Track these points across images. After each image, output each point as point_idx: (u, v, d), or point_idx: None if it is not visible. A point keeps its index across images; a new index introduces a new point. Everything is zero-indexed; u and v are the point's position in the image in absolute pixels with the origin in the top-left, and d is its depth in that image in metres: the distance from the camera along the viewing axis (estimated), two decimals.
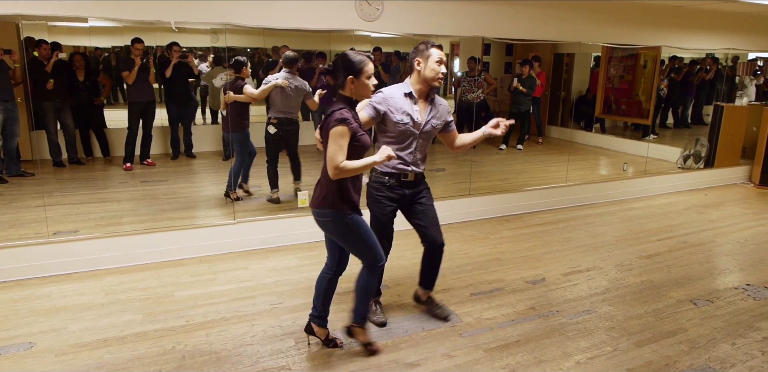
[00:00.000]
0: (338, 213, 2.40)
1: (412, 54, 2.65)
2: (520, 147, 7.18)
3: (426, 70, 2.61)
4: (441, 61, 2.60)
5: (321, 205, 2.41)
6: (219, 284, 3.39)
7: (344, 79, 2.29)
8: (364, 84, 2.30)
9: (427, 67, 2.61)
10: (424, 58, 2.61)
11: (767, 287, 3.48)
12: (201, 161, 5.79)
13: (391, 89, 2.68)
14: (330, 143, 2.25)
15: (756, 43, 6.55)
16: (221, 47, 5.34)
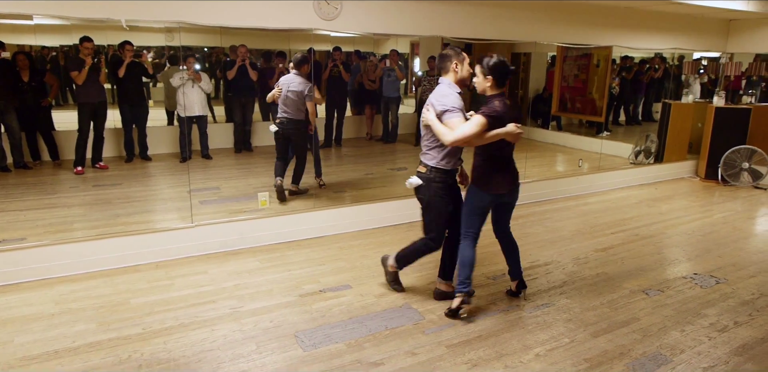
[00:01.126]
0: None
1: (445, 58, 2.89)
2: None
3: (463, 71, 2.90)
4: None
5: None
6: (177, 290, 3.30)
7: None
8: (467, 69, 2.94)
9: (463, 69, 2.90)
10: (460, 60, 2.89)
11: (713, 276, 3.66)
12: (157, 163, 5.63)
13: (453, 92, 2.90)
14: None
15: (700, 44, 6.87)
16: (176, 46, 5.22)
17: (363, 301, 3.18)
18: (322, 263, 3.76)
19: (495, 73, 2.78)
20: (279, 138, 4.76)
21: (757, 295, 3.36)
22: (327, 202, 4.62)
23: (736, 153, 6.33)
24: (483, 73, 2.80)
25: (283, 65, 6.44)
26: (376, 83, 7.08)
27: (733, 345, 2.76)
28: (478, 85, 2.86)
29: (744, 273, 3.72)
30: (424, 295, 3.27)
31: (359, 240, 4.27)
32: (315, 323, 2.90)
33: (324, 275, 3.55)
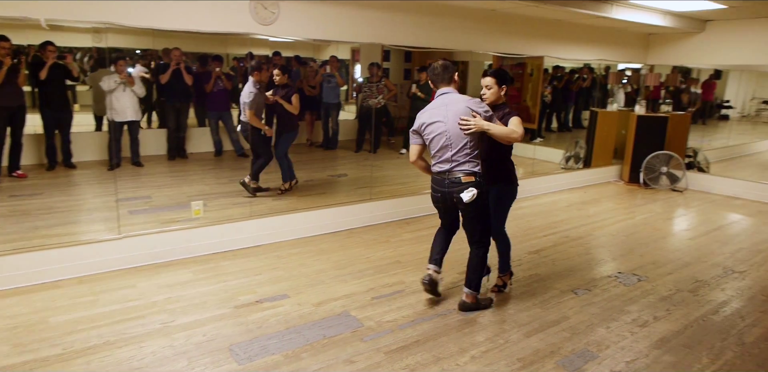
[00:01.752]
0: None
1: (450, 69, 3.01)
2: None
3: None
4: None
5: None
6: (102, 306, 3.12)
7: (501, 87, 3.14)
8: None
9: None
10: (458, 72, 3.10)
11: (635, 274, 3.89)
12: (82, 172, 5.32)
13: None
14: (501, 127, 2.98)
15: (623, 55, 7.32)
16: (104, 48, 4.97)
17: (301, 311, 3.13)
18: (259, 273, 3.68)
19: (508, 82, 3.12)
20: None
21: (674, 291, 3.60)
22: (265, 210, 4.53)
23: (655, 158, 6.78)
24: (497, 84, 3.09)
25: (220, 69, 6.28)
26: (316, 89, 7.05)
27: (653, 339, 2.94)
28: (493, 95, 3.10)
29: (662, 270, 3.97)
30: (362, 302, 3.27)
31: (298, 248, 4.21)
32: (251, 335, 2.83)
33: (261, 285, 3.47)
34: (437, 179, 3.04)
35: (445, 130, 2.92)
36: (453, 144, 2.93)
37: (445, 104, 2.95)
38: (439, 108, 2.96)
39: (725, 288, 3.68)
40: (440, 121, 2.93)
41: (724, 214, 5.75)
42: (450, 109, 2.92)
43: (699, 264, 4.13)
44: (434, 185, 3.07)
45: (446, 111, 2.93)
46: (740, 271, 4.00)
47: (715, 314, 3.27)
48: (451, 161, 2.95)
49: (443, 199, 3.05)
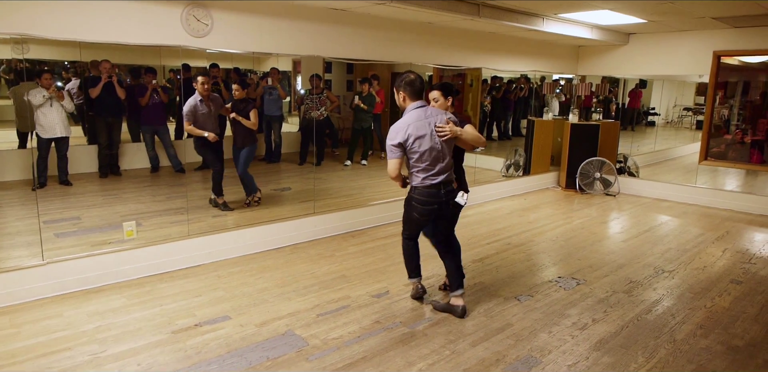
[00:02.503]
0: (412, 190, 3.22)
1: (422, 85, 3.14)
2: (364, 162, 7.41)
3: None
4: None
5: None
6: (24, 339, 2.89)
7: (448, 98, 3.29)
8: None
9: None
10: None
11: (574, 278, 4.02)
12: (3, 193, 4.95)
13: None
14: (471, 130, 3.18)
15: (555, 67, 7.66)
16: (26, 59, 4.67)
17: (243, 332, 3.02)
18: (199, 294, 3.53)
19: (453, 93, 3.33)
20: None
21: (611, 293, 3.75)
22: (204, 228, 4.37)
23: (589, 164, 7.09)
24: (443, 96, 3.29)
25: (156, 82, 6.05)
26: (257, 101, 6.91)
27: (592, 341, 3.04)
28: (441, 106, 3.28)
29: (599, 273, 4.14)
30: (307, 320, 3.20)
31: (239, 266, 4.08)
32: (189, 361, 2.70)
33: (200, 307, 3.33)
34: (432, 192, 3.09)
35: (437, 142, 3.03)
36: (444, 154, 3.08)
37: (427, 117, 3.04)
38: (422, 121, 3.02)
39: (657, 287, 3.87)
40: (428, 134, 3.01)
41: (654, 216, 6.07)
42: (433, 122, 3.03)
43: (632, 265, 4.33)
44: (427, 198, 3.10)
45: (430, 123, 3.02)
46: (669, 271, 4.22)
47: (649, 313, 3.42)
48: (444, 172, 3.10)
49: (439, 209, 3.14)
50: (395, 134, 3.02)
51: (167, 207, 4.92)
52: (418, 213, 3.16)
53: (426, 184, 3.08)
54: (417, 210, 3.15)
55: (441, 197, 3.10)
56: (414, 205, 3.15)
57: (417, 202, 3.13)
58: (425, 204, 3.11)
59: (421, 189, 3.10)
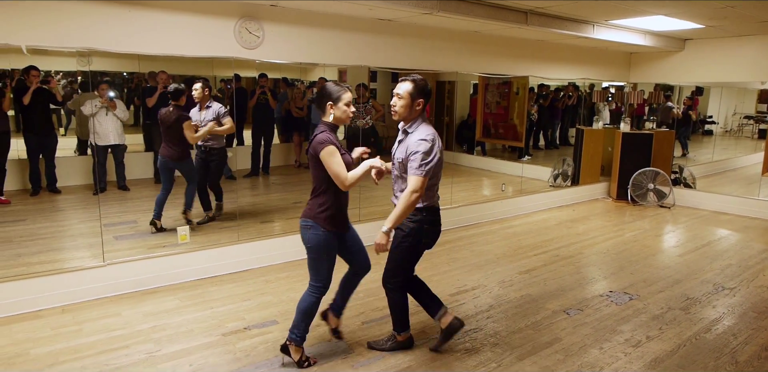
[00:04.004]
0: (316, 225, 2.60)
1: None
2: None
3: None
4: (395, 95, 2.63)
5: (305, 216, 2.64)
6: (85, 336, 3.04)
7: (325, 105, 2.57)
8: (342, 109, 2.57)
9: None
10: None
11: (626, 292, 3.87)
12: (67, 197, 5.24)
13: None
14: (326, 164, 2.49)
15: (606, 74, 7.46)
16: (89, 71, 4.96)
17: None
18: (247, 298, 3.62)
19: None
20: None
21: (666, 309, 3.58)
22: (253, 234, 4.48)
23: (642, 175, 6.84)
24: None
25: (208, 93, 6.29)
26: (303, 110, 7.07)
27: (646, 359, 2.91)
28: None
29: (654, 288, 3.96)
30: (353, 327, 3.21)
31: (286, 272, 4.16)
32: (239, 364, 2.76)
33: (249, 311, 3.41)
34: (438, 213, 2.77)
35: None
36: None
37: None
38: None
39: (716, 305, 3.67)
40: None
41: (712, 229, 5.78)
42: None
43: (689, 281, 4.13)
44: (437, 219, 2.76)
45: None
46: (730, 288, 4.00)
47: (708, 332, 3.25)
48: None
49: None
50: (432, 147, 2.54)
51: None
52: (431, 239, 2.74)
53: (436, 202, 2.73)
54: (430, 235, 2.73)
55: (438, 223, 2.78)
56: (426, 229, 2.69)
57: (430, 224, 2.70)
58: (437, 225, 2.75)
59: (433, 210, 2.71)
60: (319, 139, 2.49)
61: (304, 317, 2.68)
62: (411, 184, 2.51)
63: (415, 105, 2.61)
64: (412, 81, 2.60)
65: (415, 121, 2.64)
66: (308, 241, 2.61)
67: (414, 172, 2.52)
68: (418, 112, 2.63)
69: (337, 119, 2.58)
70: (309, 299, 2.68)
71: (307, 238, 2.60)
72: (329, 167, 2.48)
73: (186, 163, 4.77)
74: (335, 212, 2.61)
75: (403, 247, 2.72)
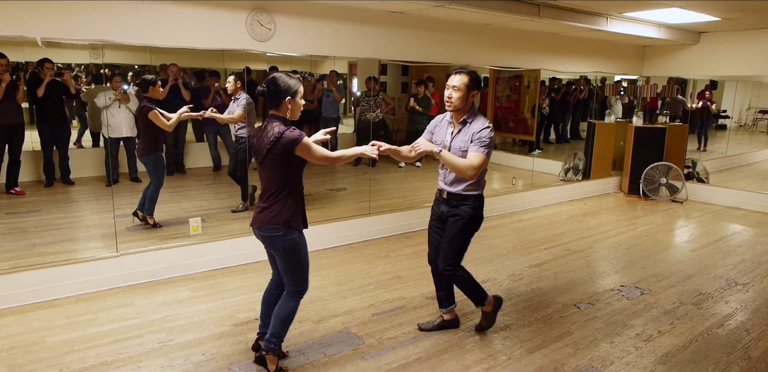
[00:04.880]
0: (289, 229, 2.44)
1: None
2: (418, 164, 7.41)
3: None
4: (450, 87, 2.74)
5: (274, 222, 2.41)
6: (99, 325, 3.08)
7: (282, 100, 2.36)
8: (298, 104, 2.42)
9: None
10: None
11: (638, 287, 3.85)
12: (80, 188, 5.30)
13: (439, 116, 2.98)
14: (310, 156, 2.37)
15: (619, 67, 7.37)
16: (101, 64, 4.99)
17: (300, 328, 3.09)
18: (259, 289, 3.63)
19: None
20: None
21: (678, 304, 3.56)
22: None
23: (654, 169, 6.77)
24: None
25: (218, 85, 6.30)
26: (314, 103, 7.07)
27: (658, 354, 2.90)
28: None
29: (665, 283, 3.94)
30: (363, 319, 3.23)
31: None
32: (250, 354, 2.78)
33: (260, 302, 3.42)
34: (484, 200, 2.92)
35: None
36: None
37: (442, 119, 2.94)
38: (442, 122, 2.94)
39: (729, 300, 3.64)
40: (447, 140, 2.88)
41: (725, 225, 5.73)
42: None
43: (702, 276, 4.10)
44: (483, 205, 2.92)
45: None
46: (743, 283, 3.96)
47: (720, 328, 3.23)
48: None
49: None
50: (494, 134, 2.76)
51: (229, 204, 5.11)
52: (479, 226, 2.93)
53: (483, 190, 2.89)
54: (480, 222, 2.92)
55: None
56: (480, 216, 2.88)
57: (482, 211, 2.88)
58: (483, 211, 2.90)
59: (482, 197, 2.88)
60: (291, 137, 2.28)
61: (285, 325, 2.52)
62: (473, 160, 2.66)
63: (470, 96, 2.74)
64: (468, 73, 2.72)
65: (471, 112, 2.79)
66: (285, 248, 2.43)
67: (478, 150, 2.68)
68: (470, 104, 2.77)
69: (294, 115, 2.41)
70: (291, 305, 2.52)
71: (283, 245, 2.42)
72: (314, 156, 2.36)
73: (149, 158, 4.43)
74: (301, 210, 2.51)
75: (464, 232, 2.86)
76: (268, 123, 2.38)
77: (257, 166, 2.45)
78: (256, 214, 2.46)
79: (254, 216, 2.48)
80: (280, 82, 2.35)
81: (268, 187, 2.43)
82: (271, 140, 2.31)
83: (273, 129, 2.32)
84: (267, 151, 2.33)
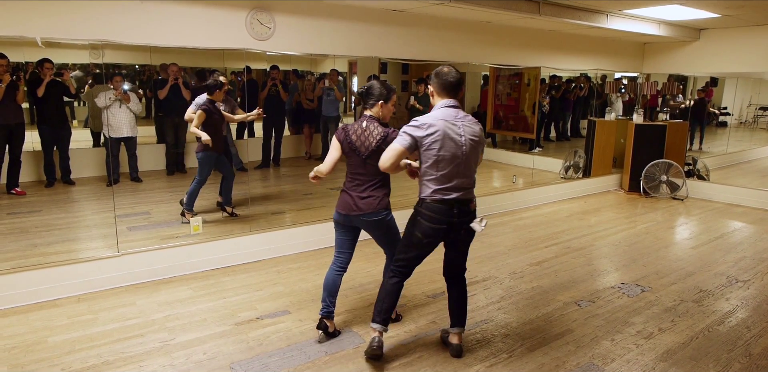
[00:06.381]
0: (389, 211, 2.86)
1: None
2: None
3: None
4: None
5: (380, 207, 2.79)
6: (101, 324, 3.09)
7: (375, 102, 2.75)
8: (390, 109, 2.80)
9: None
10: None
11: (638, 284, 3.85)
12: (81, 188, 5.30)
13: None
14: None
15: (619, 65, 7.36)
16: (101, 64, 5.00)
17: (302, 327, 3.09)
18: (260, 289, 3.65)
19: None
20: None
21: (678, 302, 3.56)
22: (264, 225, 4.51)
23: (655, 167, 6.77)
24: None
25: None
26: (314, 102, 7.07)
27: (659, 351, 2.90)
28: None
29: (666, 280, 3.94)
30: (364, 317, 3.23)
31: (298, 263, 4.18)
32: (252, 353, 2.79)
33: (261, 301, 3.44)
34: (442, 209, 2.56)
35: (464, 152, 2.55)
36: (467, 169, 2.60)
37: (458, 119, 2.56)
38: (455, 122, 2.55)
39: (730, 298, 3.65)
40: (456, 140, 2.53)
41: (726, 222, 5.72)
42: (465, 129, 2.56)
43: (702, 273, 4.10)
44: (437, 215, 2.57)
45: (462, 129, 2.55)
46: (744, 281, 3.96)
47: (721, 325, 3.23)
48: (462, 189, 2.60)
49: (447, 233, 2.65)
50: (418, 124, 2.51)
51: None
52: (422, 232, 2.61)
53: (436, 198, 2.55)
54: (422, 228, 2.60)
55: (452, 217, 2.57)
56: (419, 221, 2.60)
57: (423, 217, 2.59)
58: (433, 222, 2.57)
59: (430, 203, 2.57)
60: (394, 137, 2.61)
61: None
62: None
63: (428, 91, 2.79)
64: None
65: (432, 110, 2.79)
66: (389, 225, 2.87)
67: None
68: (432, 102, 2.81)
69: (384, 118, 2.80)
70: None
71: (387, 223, 2.86)
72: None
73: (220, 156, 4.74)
74: None
75: (406, 227, 2.73)
76: (369, 123, 2.74)
77: (356, 161, 2.77)
78: (358, 203, 2.78)
79: (353, 205, 2.78)
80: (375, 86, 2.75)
81: (370, 178, 2.78)
82: (378, 139, 2.70)
83: (376, 129, 2.72)
84: (377, 148, 2.68)
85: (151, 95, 6.31)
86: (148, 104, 6.41)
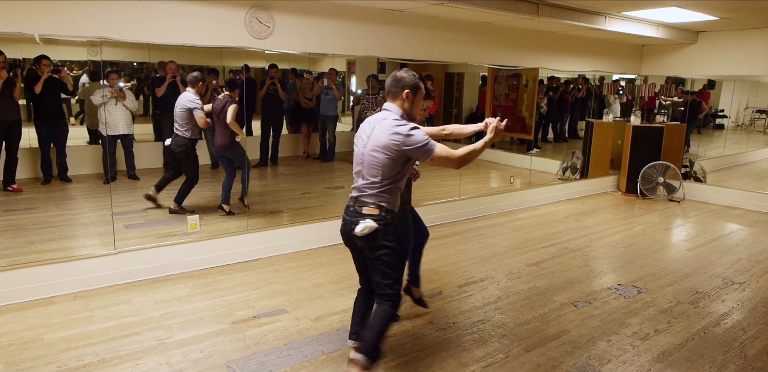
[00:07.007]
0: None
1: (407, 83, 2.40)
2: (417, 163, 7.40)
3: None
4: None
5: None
6: (97, 322, 3.08)
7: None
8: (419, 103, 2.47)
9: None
10: None
11: (635, 286, 3.87)
12: (78, 185, 5.29)
13: None
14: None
15: (617, 66, 7.38)
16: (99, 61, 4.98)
17: (299, 326, 3.09)
18: (257, 287, 3.65)
19: None
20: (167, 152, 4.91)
21: (674, 303, 3.58)
22: (262, 223, 4.50)
23: (652, 168, 6.79)
24: None
25: (216, 82, 6.29)
26: (312, 101, 7.07)
27: (654, 352, 2.91)
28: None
29: (662, 282, 3.96)
30: None
31: (295, 262, 4.18)
32: (248, 351, 2.79)
33: (258, 300, 3.44)
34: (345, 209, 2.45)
35: (362, 153, 2.37)
36: (366, 169, 2.37)
37: (377, 121, 2.36)
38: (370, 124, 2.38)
39: (725, 299, 3.66)
40: (362, 137, 2.39)
41: (723, 224, 5.75)
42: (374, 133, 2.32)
43: (698, 275, 4.12)
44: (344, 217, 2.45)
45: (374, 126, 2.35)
46: (740, 282, 3.98)
47: (717, 327, 3.25)
48: (360, 190, 2.41)
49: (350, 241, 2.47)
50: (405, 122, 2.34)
51: None
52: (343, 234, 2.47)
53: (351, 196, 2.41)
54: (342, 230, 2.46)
55: (344, 219, 2.43)
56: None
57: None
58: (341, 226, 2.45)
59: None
60: None
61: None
62: None
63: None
64: None
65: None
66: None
67: None
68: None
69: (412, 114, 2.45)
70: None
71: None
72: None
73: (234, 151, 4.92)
74: None
75: None
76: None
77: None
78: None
79: None
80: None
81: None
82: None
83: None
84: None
85: (149, 93, 6.30)
86: (146, 102, 6.40)
